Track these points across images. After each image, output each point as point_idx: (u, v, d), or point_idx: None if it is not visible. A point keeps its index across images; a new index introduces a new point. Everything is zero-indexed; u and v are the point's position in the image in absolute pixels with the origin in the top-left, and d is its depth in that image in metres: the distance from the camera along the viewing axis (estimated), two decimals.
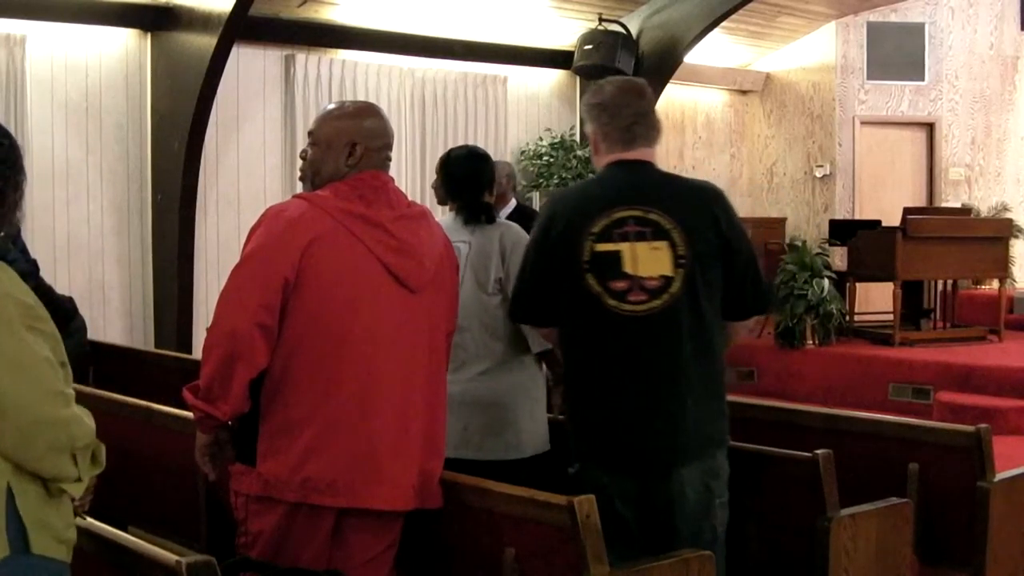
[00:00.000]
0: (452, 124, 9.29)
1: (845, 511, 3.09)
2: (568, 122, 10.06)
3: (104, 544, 2.37)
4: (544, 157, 9.71)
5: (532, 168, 9.71)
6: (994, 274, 9.60)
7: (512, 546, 2.63)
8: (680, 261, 2.80)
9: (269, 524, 2.64)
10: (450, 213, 3.65)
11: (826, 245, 9.49)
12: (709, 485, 2.85)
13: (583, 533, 2.45)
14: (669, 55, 9.79)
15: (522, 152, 9.81)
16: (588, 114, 3.01)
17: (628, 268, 2.81)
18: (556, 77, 10.15)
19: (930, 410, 7.76)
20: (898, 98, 11.34)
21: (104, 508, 2.27)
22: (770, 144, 11.89)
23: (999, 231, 9.43)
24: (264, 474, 2.62)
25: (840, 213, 11.16)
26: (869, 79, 11.28)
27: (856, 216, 11.00)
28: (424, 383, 2.76)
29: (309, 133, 2.84)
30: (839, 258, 9.24)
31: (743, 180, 11.99)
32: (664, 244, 2.81)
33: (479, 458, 3.38)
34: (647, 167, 2.95)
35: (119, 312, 7.70)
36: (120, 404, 3.91)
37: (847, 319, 9.32)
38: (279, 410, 2.63)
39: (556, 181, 9.46)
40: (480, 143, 7.84)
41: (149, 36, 7.63)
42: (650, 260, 2.81)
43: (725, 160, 11.85)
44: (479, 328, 3.43)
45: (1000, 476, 3.45)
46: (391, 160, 2.86)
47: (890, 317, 9.05)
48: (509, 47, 9.57)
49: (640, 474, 2.82)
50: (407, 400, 2.71)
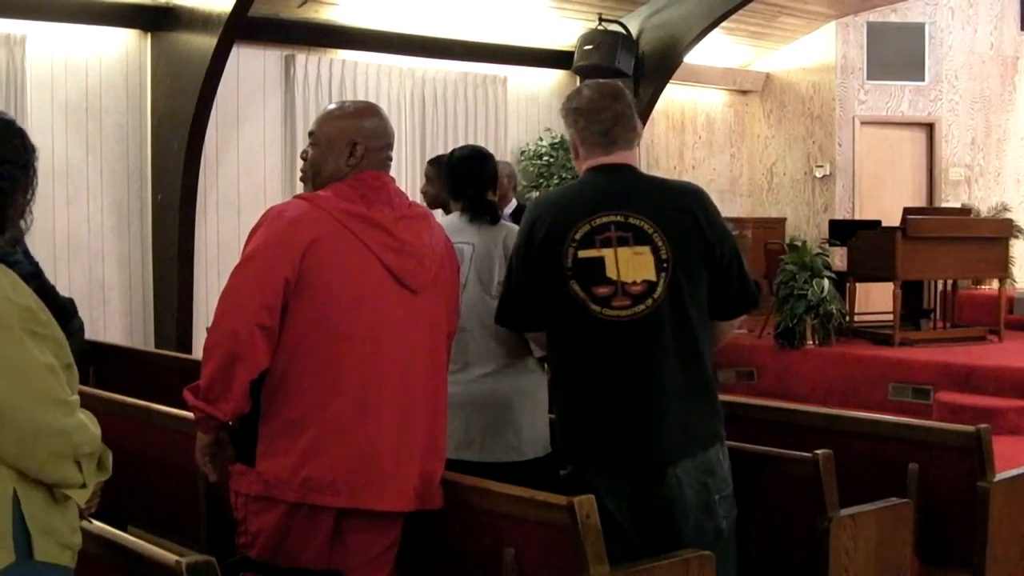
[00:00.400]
0: (452, 124, 9.29)
1: (845, 511, 3.09)
2: None
3: (104, 544, 2.37)
4: (544, 157, 9.71)
5: (532, 168, 9.71)
6: (994, 274, 9.60)
7: (512, 546, 2.63)
8: (663, 265, 2.80)
9: (269, 524, 2.64)
10: (454, 213, 3.65)
11: (826, 245, 9.49)
12: (705, 481, 2.84)
13: (583, 533, 2.45)
14: (669, 55, 9.79)
15: (522, 152, 9.81)
16: (566, 119, 3.02)
17: (611, 274, 2.81)
18: (556, 77, 10.16)
19: (930, 410, 7.75)
20: (898, 98, 11.34)
21: (104, 508, 2.26)
22: (770, 144, 11.89)
23: (999, 231, 9.42)
24: (264, 474, 2.62)
25: (840, 213, 11.16)
26: (869, 79, 11.28)
27: (856, 216, 11.00)
28: (425, 384, 2.76)
29: (310, 134, 2.84)
30: (839, 258, 9.23)
31: (743, 180, 11.99)
32: (647, 249, 2.81)
33: (480, 460, 3.38)
34: (627, 171, 2.94)
35: (119, 312, 7.70)
36: (120, 404, 3.91)
37: (847, 319, 9.32)
38: (280, 410, 2.63)
39: (556, 181, 9.47)
40: (480, 143, 7.81)
41: (149, 36, 7.64)
42: (633, 265, 2.80)
43: (725, 160, 11.84)
44: (480, 330, 3.42)
45: (1000, 476, 3.45)
46: (392, 160, 2.86)
47: (890, 317, 9.05)
48: (509, 47, 9.57)
49: (634, 475, 2.83)
50: (408, 401, 2.71)
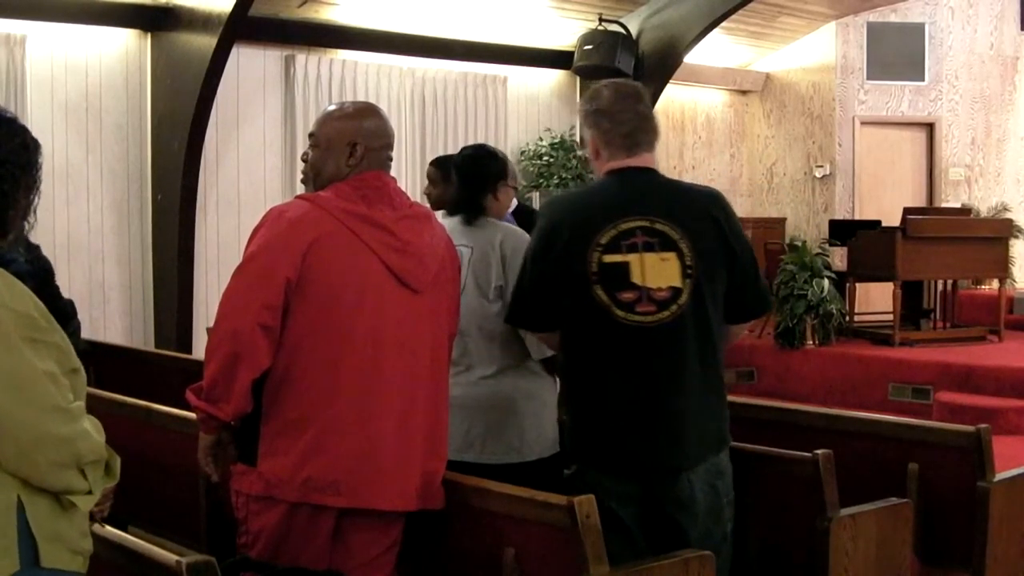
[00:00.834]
0: (452, 124, 9.29)
1: (845, 511, 3.09)
2: (568, 122, 10.05)
3: (104, 544, 2.36)
4: (544, 157, 9.71)
5: (532, 168, 9.71)
6: (994, 274, 9.61)
7: (512, 546, 2.63)
8: (688, 271, 2.79)
9: (269, 524, 2.64)
10: (455, 216, 3.63)
11: (826, 245, 9.49)
12: (715, 485, 2.85)
13: (583, 533, 2.45)
14: (669, 55, 9.79)
15: (522, 152, 9.81)
16: (587, 120, 2.97)
17: (636, 279, 2.79)
18: (556, 77, 10.16)
19: (930, 410, 7.76)
20: (898, 98, 11.34)
21: None
22: (770, 144, 11.89)
23: (999, 231, 9.43)
24: (265, 473, 2.62)
25: (840, 213, 11.16)
26: (869, 79, 11.28)
27: (856, 216, 11.01)
28: (426, 384, 2.76)
29: (310, 135, 2.84)
30: (839, 258, 9.24)
31: (743, 180, 11.99)
32: (672, 255, 2.79)
33: (482, 461, 3.37)
34: (650, 174, 2.92)
35: (119, 312, 7.70)
36: (120, 404, 3.90)
37: (847, 319, 9.33)
38: (281, 410, 2.63)
39: (556, 181, 9.48)
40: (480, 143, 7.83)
41: (149, 36, 7.64)
42: (659, 271, 2.79)
43: (725, 160, 11.85)
44: (478, 333, 3.41)
45: (1000, 476, 3.45)
46: (392, 160, 2.86)
47: (890, 317, 9.05)
48: (509, 47, 9.57)
49: (647, 478, 2.82)
50: (409, 401, 2.71)
